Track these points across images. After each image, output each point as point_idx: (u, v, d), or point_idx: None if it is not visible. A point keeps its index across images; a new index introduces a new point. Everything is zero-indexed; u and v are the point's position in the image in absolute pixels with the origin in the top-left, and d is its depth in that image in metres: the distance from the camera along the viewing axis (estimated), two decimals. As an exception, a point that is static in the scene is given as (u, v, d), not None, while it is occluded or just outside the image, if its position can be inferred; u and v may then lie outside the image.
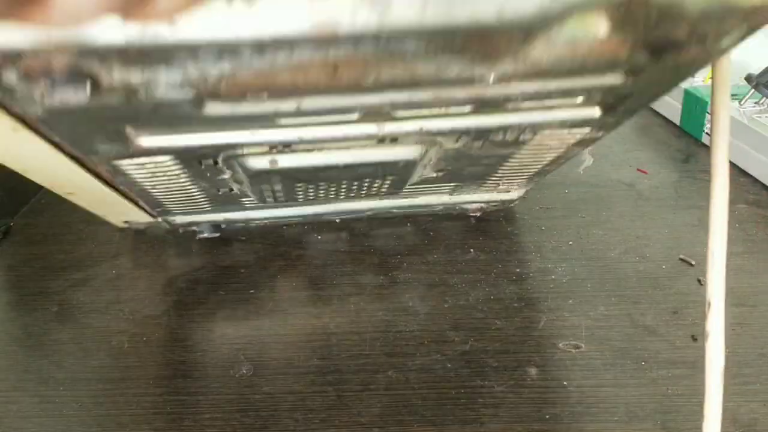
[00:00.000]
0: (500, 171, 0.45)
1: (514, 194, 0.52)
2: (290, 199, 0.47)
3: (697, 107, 0.69)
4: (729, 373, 0.40)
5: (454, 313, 0.46)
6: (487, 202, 0.53)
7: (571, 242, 0.53)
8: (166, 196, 0.43)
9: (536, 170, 0.46)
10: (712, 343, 0.30)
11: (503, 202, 0.53)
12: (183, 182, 0.40)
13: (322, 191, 0.46)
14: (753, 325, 0.44)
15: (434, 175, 0.44)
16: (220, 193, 0.44)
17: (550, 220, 0.56)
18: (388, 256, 0.52)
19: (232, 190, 0.43)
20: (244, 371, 0.41)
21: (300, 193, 0.45)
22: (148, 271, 0.51)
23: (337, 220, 0.55)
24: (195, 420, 0.38)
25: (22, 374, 0.42)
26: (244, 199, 0.47)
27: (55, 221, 0.58)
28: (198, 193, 0.43)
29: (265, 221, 0.53)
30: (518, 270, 0.50)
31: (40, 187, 0.63)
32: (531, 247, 0.53)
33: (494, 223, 0.56)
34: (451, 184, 0.48)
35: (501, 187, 0.50)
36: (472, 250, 0.53)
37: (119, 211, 0.49)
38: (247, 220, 0.52)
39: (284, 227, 0.56)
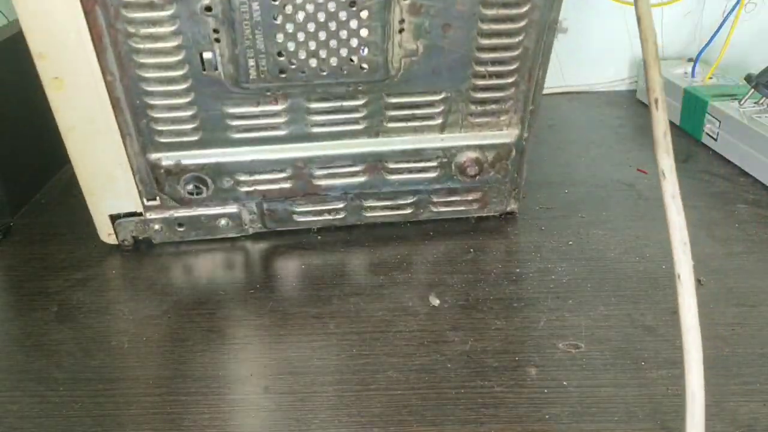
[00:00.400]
0: (479, 59, 0.46)
1: (507, 135, 0.51)
2: (274, 75, 0.45)
3: (696, 107, 0.69)
4: (729, 373, 0.40)
5: (454, 313, 0.46)
6: (481, 148, 0.51)
7: (571, 242, 0.53)
8: (153, 75, 0.44)
9: (516, 56, 0.46)
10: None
11: (498, 150, 0.51)
12: (164, 30, 0.42)
13: (302, 47, 0.44)
14: (753, 325, 0.44)
15: (414, 46, 0.45)
16: (204, 72, 0.44)
17: (550, 220, 0.56)
18: (388, 256, 0.52)
19: (216, 67, 0.44)
20: (244, 371, 0.41)
21: (281, 52, 0.44)
22: (148, 271, 0.51)
23: (336, 213, 0.54)
24: (195, 420, 0.38)
25: (22, 374, 0.42)
26: (229, 112, 0.47)
27: (55, 221, 0.59)
28: (183, 77, 0.45)
29: (255, 177, 0.51)
30: (518, 270, 0.50)
31: (39, 187, 0.64)
32: (531, 247, 0.53)
33: (494, 223, 0.56)
34: (438, 96, 0.48)
35: (489, 116, 0.50)
36: (472, 250, 0.53)
37: (106, 156, 0.49)
38: (234, 170, 0.50)
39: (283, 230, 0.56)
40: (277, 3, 0.42)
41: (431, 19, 0.44)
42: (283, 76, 0.45)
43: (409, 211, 0.55)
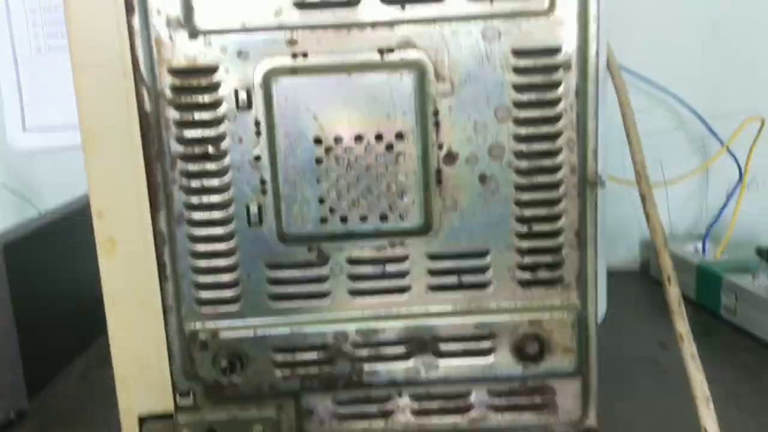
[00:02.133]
0: (521, 217, 0.46)
1: (565, 309, 0.47)
2: (315, 223, 0.46)
3: (711, 282, 0.69)
4: None
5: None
6: (539, 323, 0.47)
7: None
8: (201, 233, 0.45)
9: (558, 213, 0.46)
10: None
11: (557, 326, 0.47)
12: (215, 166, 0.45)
13: (343, 193, 0.45)
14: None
15: (453, 198, 0.45)
16: (250, 226, 0.45)
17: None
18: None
19: (261, 221, 0.45)
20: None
21: (322, 198, 0.45)
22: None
23: (384, 416, 0.49)
24: None
25: None
26: (270, 276, 0.46)
27: (71, 407, 0.58)
28: (229, 234, 0.46)
29: (294, 356, 0.47)
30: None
31: (57, 371, 0.64)
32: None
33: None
34: (483, 260, 0.47)
35: (543, 285, 0.47)
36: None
37: (145, 334, 0.47)
38: (271, 344, 0.47)
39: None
40: (319, 148, 0.44)
41: (469, 169, 0.45)
42: (325, 225, 0.46)
43: (464, 417, 0.49)
